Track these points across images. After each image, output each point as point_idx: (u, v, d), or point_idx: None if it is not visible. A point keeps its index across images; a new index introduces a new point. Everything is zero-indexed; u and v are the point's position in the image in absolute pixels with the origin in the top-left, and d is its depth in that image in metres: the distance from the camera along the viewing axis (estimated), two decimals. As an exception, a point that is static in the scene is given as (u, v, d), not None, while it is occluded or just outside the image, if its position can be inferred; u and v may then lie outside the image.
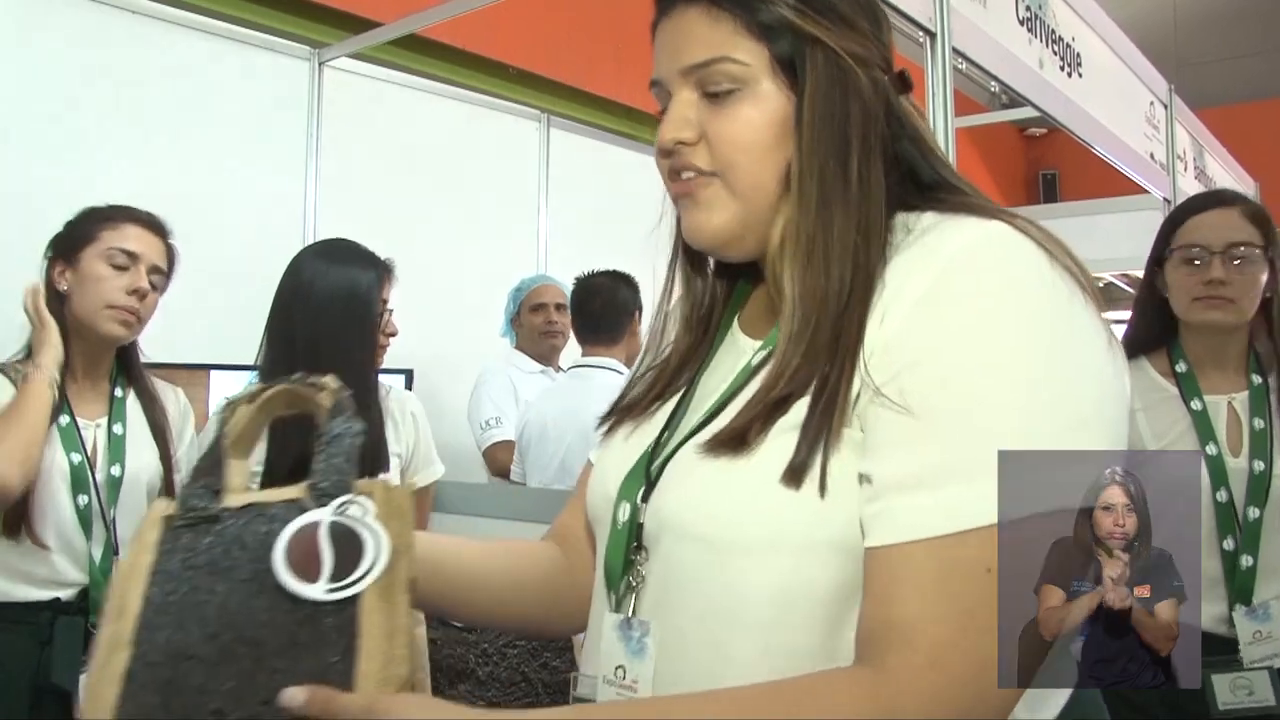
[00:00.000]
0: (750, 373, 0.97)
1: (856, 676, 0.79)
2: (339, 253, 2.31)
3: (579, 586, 1.11)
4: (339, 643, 0.79)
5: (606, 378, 3.26)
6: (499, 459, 3.53)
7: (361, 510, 0.86)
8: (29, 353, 2.13)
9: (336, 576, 0.82)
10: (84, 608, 2.10)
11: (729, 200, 0.96)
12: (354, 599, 0.81)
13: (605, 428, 1.13)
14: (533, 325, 3.86)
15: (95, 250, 2.14)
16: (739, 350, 1.03)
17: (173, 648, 0.80)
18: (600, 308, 3.33)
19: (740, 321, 1.07)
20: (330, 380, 0.97)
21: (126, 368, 2.28)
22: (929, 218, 0.92)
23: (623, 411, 1.11)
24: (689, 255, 1.09)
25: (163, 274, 2.22)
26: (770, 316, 1.01)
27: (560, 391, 3.37)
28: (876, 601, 0.81)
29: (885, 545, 0.81)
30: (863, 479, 0.84)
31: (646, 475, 0.99)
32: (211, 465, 0.93)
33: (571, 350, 3.61)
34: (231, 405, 0.98)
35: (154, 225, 2.22)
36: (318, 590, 0.81)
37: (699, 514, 0.92)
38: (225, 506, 0.89)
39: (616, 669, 0.97)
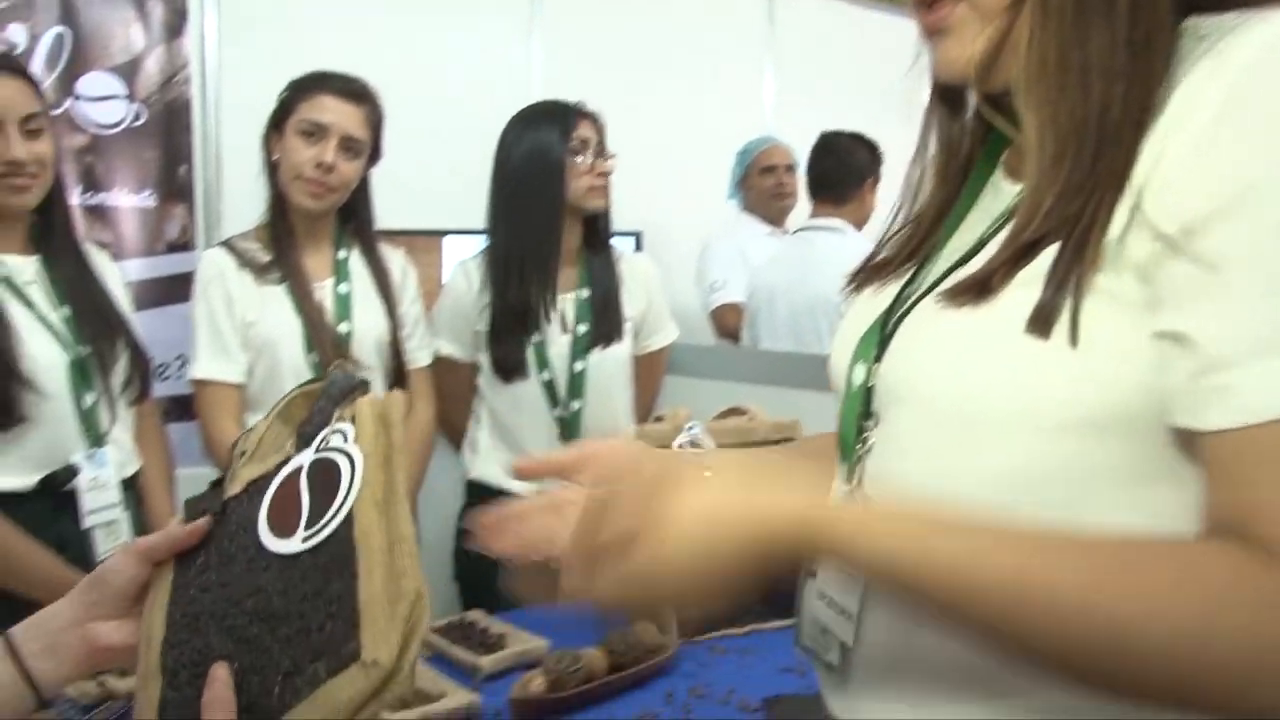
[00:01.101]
0: (1007, 217, 0.84)
1: (1232, 552, 0.66)
2: (530, 116, 2.42)
3: None
4: (343, 573, 0.74)
5: (831, 241, 3.22)
6: (726, 321, 3.52)
7: (342, 437, 0.81)
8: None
9: (313, 519, 0.78)
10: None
11: (977, 22, 0.83)
12: (349, 521, 0.76)
13: (852, 286, 1.02)
14: (762, 188, 3.81)
15: (292, 122, 2.16)
16: (999, 195, 0.91)
17: (196, 657, 0.79)
18: (835, 165, 3.30)
19: (1004, 165, 0.94)
20: (342, 365, 0.94)
21: (350, 231, 2.31)
22: (1230, 18, 0.73)
23: (871, 270, 1.00)
24: (944, 98, 0.96)
25: (361, 142, 2.19)
26: None
27: (787, 258, 3.33)
28: (1230, 486, 0.67)
29: (1233, 429, 0.66)
30: (1165, 339, 0.69)
31: (882, 332, 0.90)
32: (222, 478, 0.92)
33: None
34: (252, 430, 0.95)
35: (350, 93, 2.19)
36: (295, 542, 0.78)
37: (927, 373, 0.82)
38: (228, 497, 0.87)
39: None
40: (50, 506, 1.87)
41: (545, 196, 2.36)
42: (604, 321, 2.40)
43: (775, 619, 2.03)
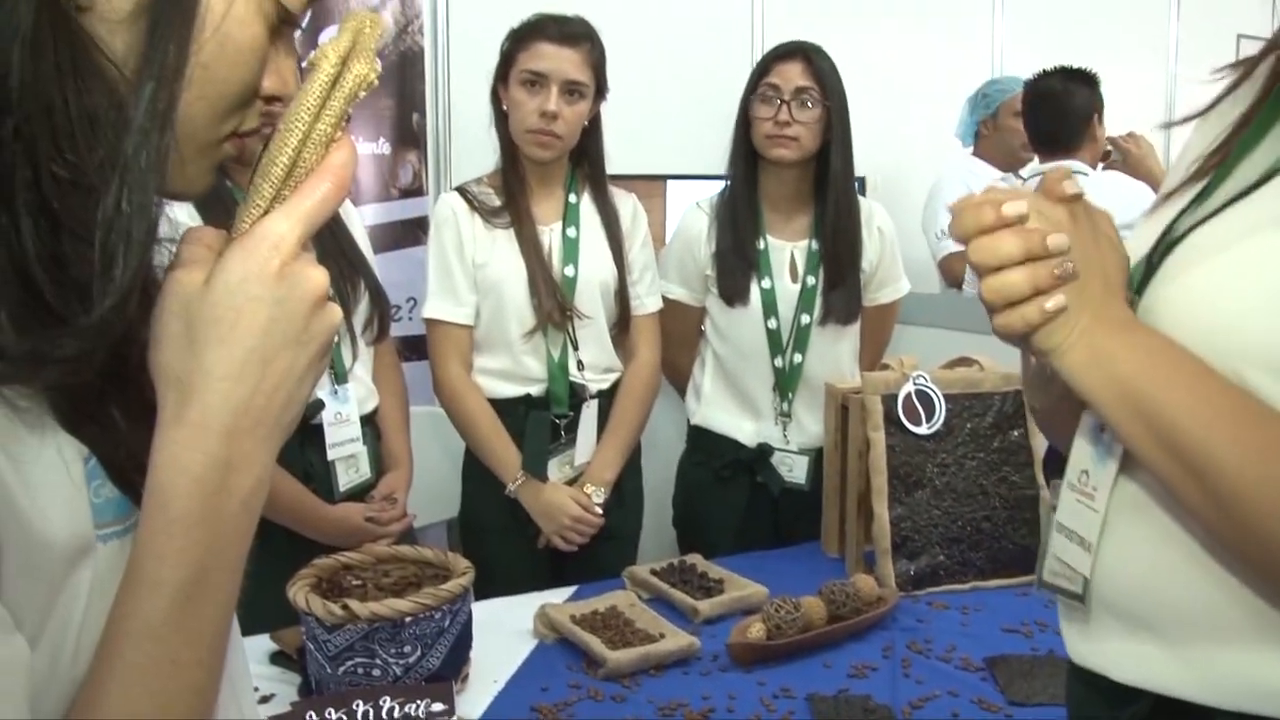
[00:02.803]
0: None
1: None
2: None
3: None
4: None
5: None
6: (954, 269, 3.40)
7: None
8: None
9: None
10: (547, 402, 2.23)
11: None
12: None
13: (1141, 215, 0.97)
14: (1013, 131, 3.55)
15: (514, 73, 2.19)
16: None
17: None
18: (1053, 114, 3.10)
19: None
20: None
21: (582, 175, 2.34)
22: None
23: (1159, 200, 0.94)
24: None
25: (582, 84, 2.19)
26: None
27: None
28: None
29: None
30: None
31: (1149, 262, 0.85)
32: None
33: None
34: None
35: (567, 36, 2.18)
36: None
37: (1191, 310, 0.79)
38: None
39: (1081, 473, 0.90)
40: (298, 440, 1.98)
41: (736, 143, 2.38)
42: (834, 277, 2.35)
43: (998, 576, 1.98)
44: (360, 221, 2.27)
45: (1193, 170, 0.89)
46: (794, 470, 2.36)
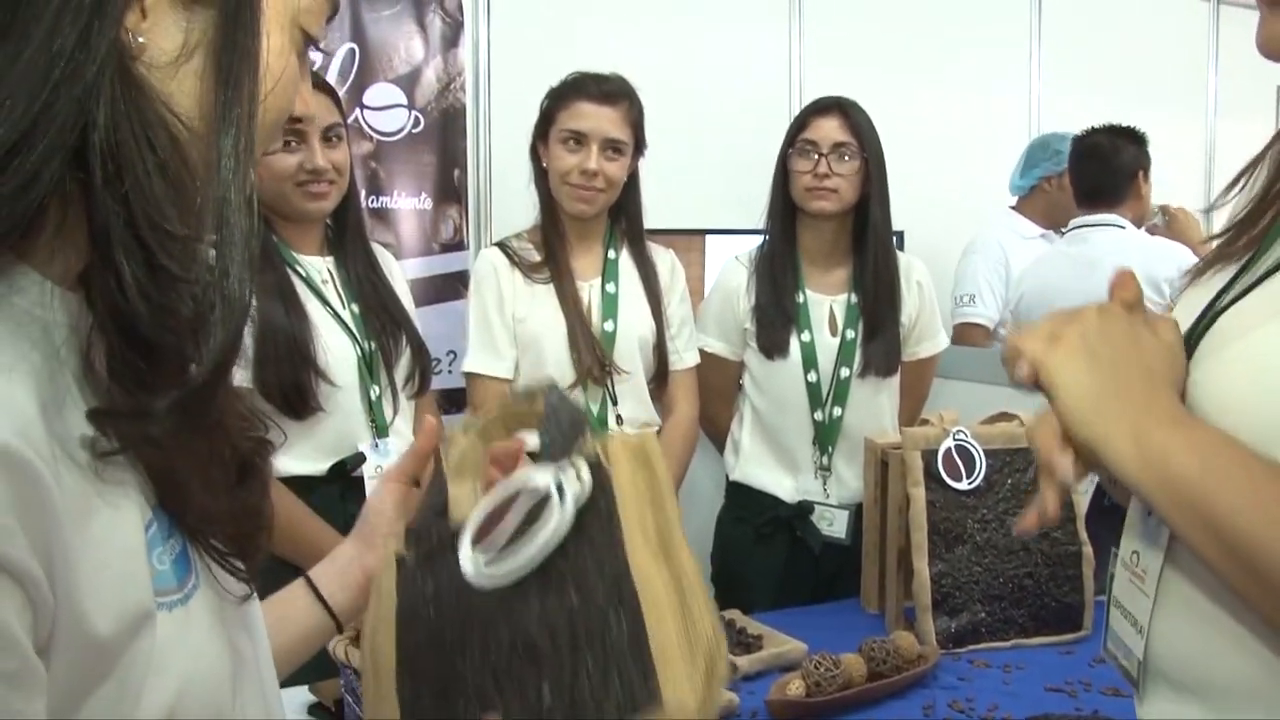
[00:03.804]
0: None
1: None
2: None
3: None
4: (620, 617, 0.70)
5: (1110, 236, 3.08)
6: (967, 337, 3.36)
7: (576, 474, 0.75)
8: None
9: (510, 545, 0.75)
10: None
11: None
12: (622, 567, 0.71)
13: (1187, 279, 0.97)
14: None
15: (555, 131, 2.23)
16: None
17: (442, 688, 0.76)
18: (1099, 170, 3.12)
19: None
20: (541, 386, 0.89)
21: (620, 230, 2.36)
22: None
23: (1196, 271, 0.94)
24: None
25: (622, 142, 2.22)
26: None
27: (1061, 256, 3.19)
28: None
29: None
30: None
31: (1188, 340, 0.85)
32: (438, 499, 0.87)
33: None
34: (452, 437, 0.93)
35: (606, 95, 2.22)
36: (480, 562, 0.76)
37: (1232, 392, 0.78)
38: (455, 528, 0.81)
39: (1133, 553, 0.90)
40: (339, 492, 2.00)
41: (774, 197, 2.40)
42: (873, 329, 2.35)
43: (1040, 634, 1.95)
44: (403, 276, 2.30)
45: (1228, 236, 0.89)
46: (834, 525, 2.35)
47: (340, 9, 0.66)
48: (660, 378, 2.35)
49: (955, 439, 1.98)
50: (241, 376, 1.85)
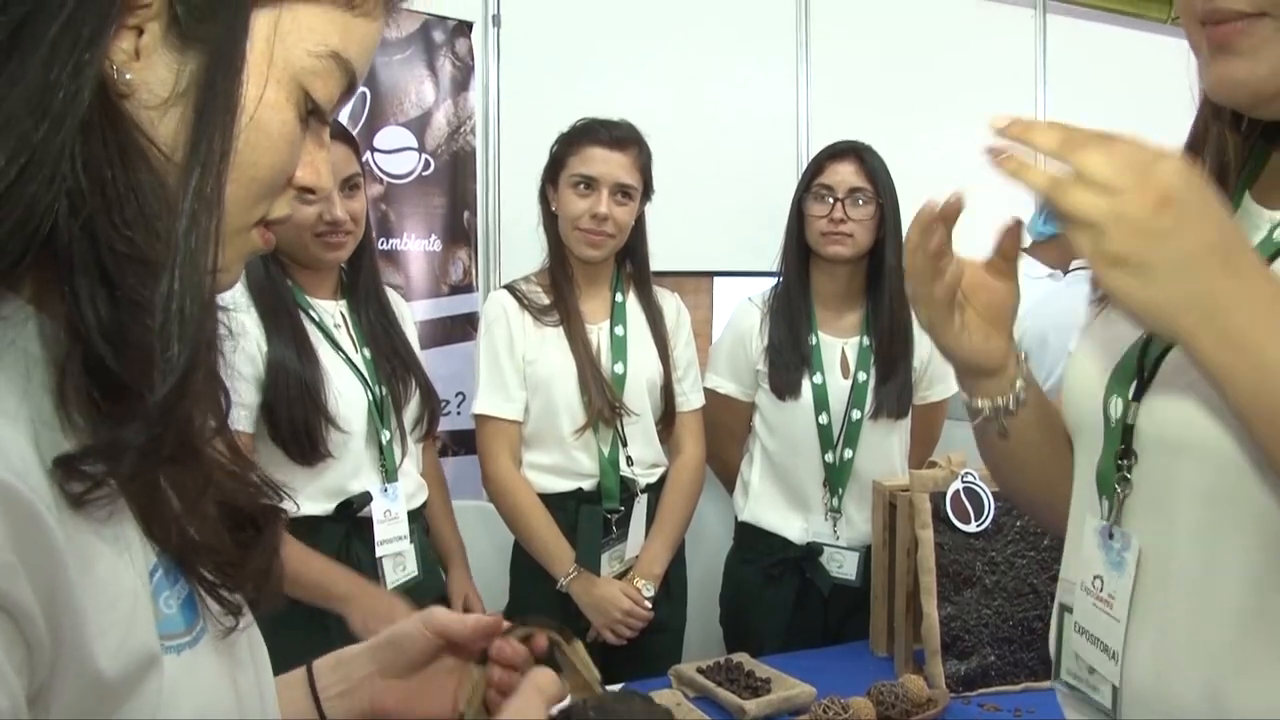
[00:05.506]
0: (1273, 249, 0.82)
1: None
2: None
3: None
4: None
5: None
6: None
7: None
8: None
9: None
10: (598, 496, 2.25)
11: (1278, 43, 0.79)
12: None
13: (1096, 311, 0.99)
14: None
15: (565, 176, 2.25)
16: (1252, 223, 0.88)
17: None
18: None
19: (1254, 191, 0.91)
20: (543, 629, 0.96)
21: (627, 274, 2.38)
22: None
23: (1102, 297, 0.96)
24: (1218, 116, 0.93)
25: (631, 187, 2.24)
26: None
27: (1060, 296, 3.19)
28: None
29: None
30: None
31: (1139, 369, 0.87)
32: None
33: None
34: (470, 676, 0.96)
35: (616, 140, 2.24)
36: None
37: (1203, 421, 0.79)
38: None
39: (1095, 578, 0.90)
40: (344, 532, 2.01)
41: (789, 239, 2.42)
42: (886, 371, 2.36)
43: (1050, 677, 1.94)
44: (412, 318, 2.31)
45: None
46: (844, 566, 2.35)
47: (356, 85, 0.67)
48: (667, 419, 2.36)
49: (964, 481, 1.98)
50: (243, 419, 1.86)
